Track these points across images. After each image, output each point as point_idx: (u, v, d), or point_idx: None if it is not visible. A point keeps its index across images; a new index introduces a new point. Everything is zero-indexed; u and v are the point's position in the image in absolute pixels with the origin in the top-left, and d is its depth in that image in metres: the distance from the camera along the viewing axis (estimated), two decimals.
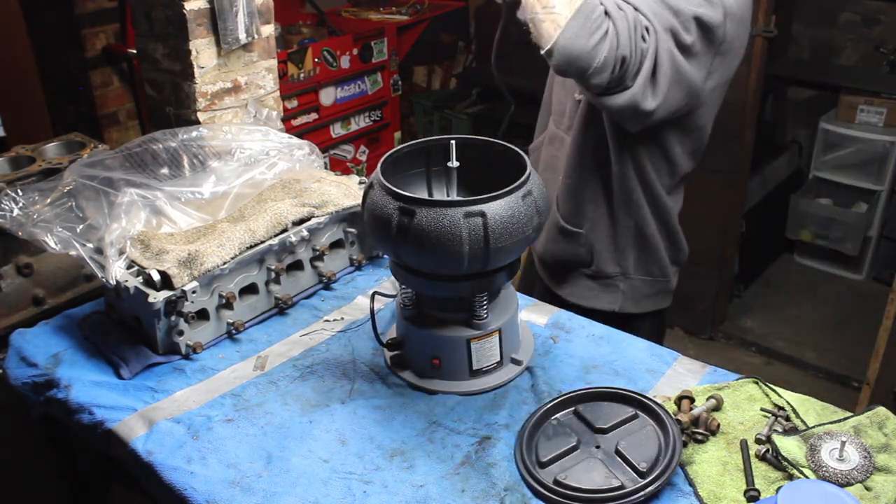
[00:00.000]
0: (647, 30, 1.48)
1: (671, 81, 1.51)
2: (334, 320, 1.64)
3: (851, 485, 1.15)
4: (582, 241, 1.80)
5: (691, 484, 1.20)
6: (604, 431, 1.26)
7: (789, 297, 3.84)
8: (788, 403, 1.31)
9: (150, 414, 1.38)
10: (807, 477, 1.16)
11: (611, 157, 1.70)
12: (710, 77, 1.59)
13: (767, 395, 1.34)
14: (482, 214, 1.25)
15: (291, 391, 1.44)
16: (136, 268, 1.50)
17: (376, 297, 1.52)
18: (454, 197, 1.45)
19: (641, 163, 1.69)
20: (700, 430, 1.26)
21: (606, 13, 1.45)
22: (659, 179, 1.72)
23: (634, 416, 1.28)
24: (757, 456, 1.22)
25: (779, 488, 1.06)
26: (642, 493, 1.15)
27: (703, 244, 3.47)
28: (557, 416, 1.32)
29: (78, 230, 1.52)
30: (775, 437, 1.22)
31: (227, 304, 1.56)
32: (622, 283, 1.82)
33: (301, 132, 3.52)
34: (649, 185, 1.72)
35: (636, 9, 1.48)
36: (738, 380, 1.40)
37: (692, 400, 1.32)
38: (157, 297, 1.44)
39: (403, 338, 1.47)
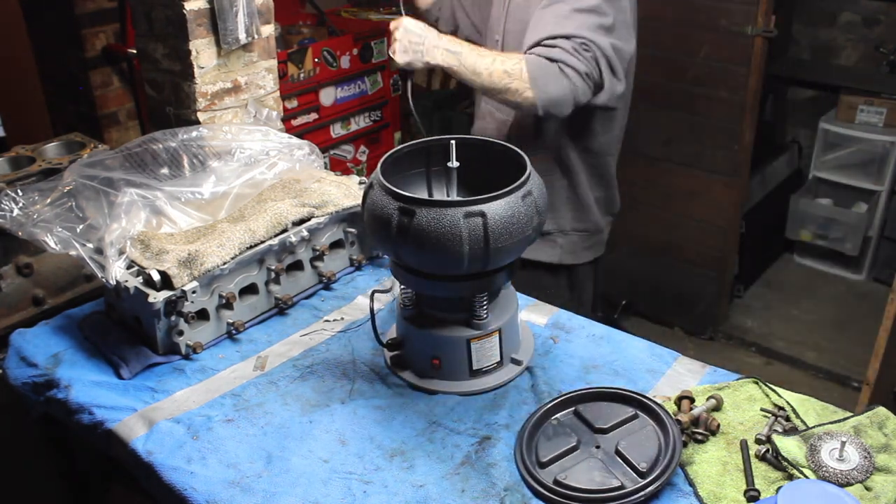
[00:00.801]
0: (583, 44, 1.75)
1: (622, 62, 1.82)
2: (334, 320, 1.64)
3: (851, 485, 1.15)
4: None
5: (691, 484, 1.20)
6: (604, 431, 1.27)
7: (789, 297, 3.84)
8: (788, 403, 1.31)
9: (150, 414, 1.38)
10: (807, 477, 1.16)
11: (546, 128, 1.96)
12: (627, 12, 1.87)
13: (767, 395, 1.34)
14: (482, 214, 1.25)
15: (291, 391, 1.44)
16: (136, 268, 1.50)
17: (375, 295, 1.52)
18: (454, 197, 1.45)
19: (577, 127, 1.95)
20: (700, 430, 1.26)
21: (551, 59, 1.75)
22: (594, 137, 1.99)
23: (634, 416, 1.28)
24: (757, 456, 1.22)
25: (779, 488, 1.06)
26: (642, 493, 1.15)
27: (703, 244, 3.47)
28: (557, 416, 1.32)
29: (78, 230, 1.52)
30: (775, 437, 1.22)
31: (227, 304, 1.56)
32: (560, 238, 2.07)
33: (301, 132, 3.52)
34: (585, 148, 1.99)
35: (566, 36, 1.76)
36: (738, 380, 1.40)
37: (692, 400, 1.32)
38: (157, 297, 1.44)
39: (403, 338, 1.47)
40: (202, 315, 1.54)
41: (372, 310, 1.48)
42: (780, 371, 3.36)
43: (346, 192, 1.75)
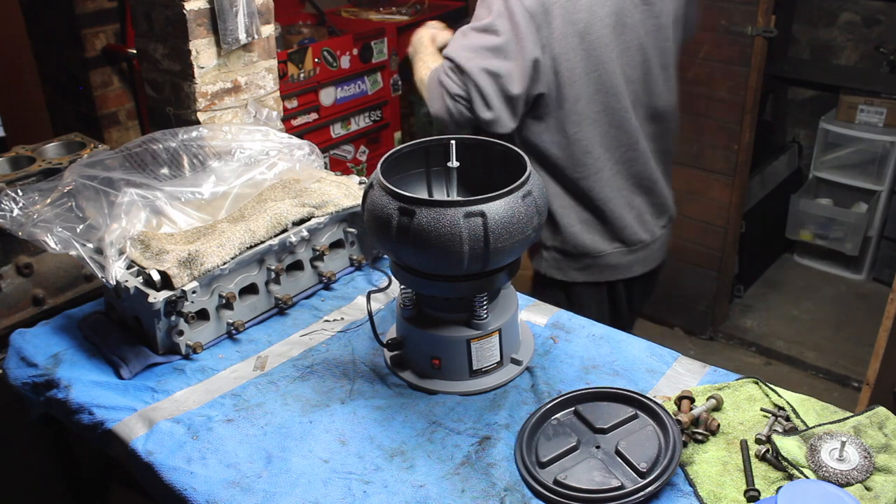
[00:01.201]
0: (457, 67, 1.78)
1: (498, 88, 1.76)
2: (334, 320, 1.64)
3: (851, 485, 1.15)
4: None
5: (691, 484, 1.20)
6: (604, 431, 1.26)
7: (789, 297, 3.84)
8: (788, 403, 1.31)
9: (150, 414, 1.38)
10: (807, 477, 1.16)
11: (502, 137, 1.92)
12: (544, 49, 1.76)
13: (767, 395, 1.34)
14: (482, 214, 1.25)
15: (291, 391, 1.44)
16: (136, 268, 1.50)
17: (374, 296, 1.52)
18: (454, 197, 1.45)
19: (538, 149, 1.89)
20: (700, 430, 1.26)
21: (439, 78, 1.82)
22: (546, 155, 1.90)
23: (634, 416, 1.28)
24: (757, 456, 1.22)
25: (779, 488, 1.06)
26: (642, 493, 1.15)
27: (703, 244, 3.47)
28: (557, 416, 1.32)
29: (78, 230, 1.52)
30: (775, 437, 1.22)
31: (227, 304, 1.56)
32: (544, 251, 2.03)
33: (301, 132, 3.52)
34: (545, 164, 1.92)
35: (448, 57, 1.80)
36: (738, 380, 1.40)
37: (692, 400, 1.32)
38: (157, 297, 1.44)
39: (403, 338, 1.47)
40: (202, 315, 1.54)
41: (370, 311, 1.48)
42: (780, 371, 3.36)
43: (346, 192, 1.75)
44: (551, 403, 1.32)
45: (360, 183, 1.82)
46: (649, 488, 1.15)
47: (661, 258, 2.13)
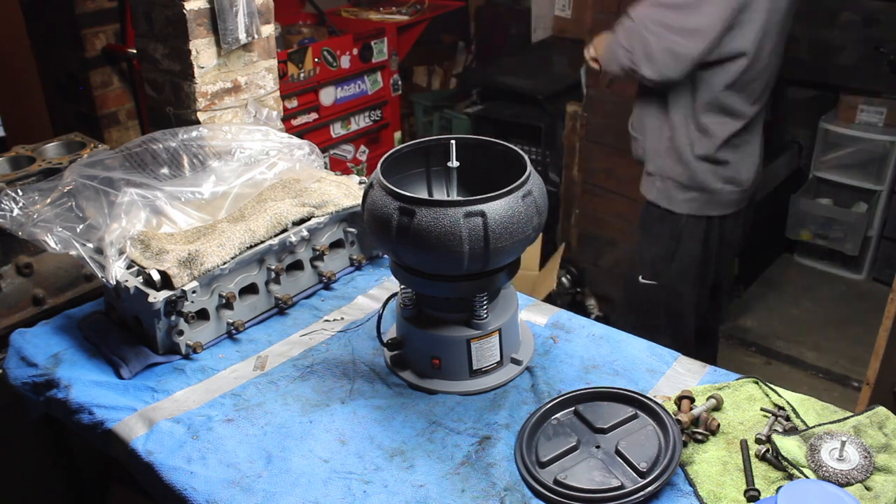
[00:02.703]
0: (632, 26, 2.20)
1: (662, 49, 2.15)
2: (334, 320, 1.64)
3: (851, 485, 1.15)
4: (639, 143, 2.47)
5: (691, 484, 1.20)
6: (604, 431, 1.26)
7: (789, 297, 3.84)
8: (788, 403, 1.31)
9: (150, 414, 1.38)
10: (807, 477, 1.16)
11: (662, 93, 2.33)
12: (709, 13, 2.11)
13: (767, 395, 1.34)
14: (482, 214, 1.25)
15: (291, 391, 1.44)
16: (136, 268, 1.50)
17: (375, 295, 1.52)
18: (454, 197, 1.45)
19: (679, 97, 2.28)
20: (700, 430, 1.26)
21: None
22: (691, 105, 2.26)
23: (634, 416, 1.28)
24: (757, 456, 1.22)
25: (779, 488, 1.06)
26: (642, 493, 1.15)
27: None
28: (557, 416, 1.32)
29: (78, 230, 1.52)
30: (775, 437, 1.22)
31: (227, 304, 1.56)
32: (658, 181, 2.41)
33: (301, 132, 3.52)
34: (677, 105, 2.28)
35: (627, 14, 2.22)
36: (738, 380, 1.40)
37: (692, 400, 1.32)
38: (157, 297, 1.44)
39: (403, 338, 1.47)
40: (202, 315, 1.54)
41: (381, 310, 1.47)
42: (780, 371, 3.36)
43: (346, 192, 1.74)
44: (551, 403, 1.32)
45: (360, 183, 1.82)
46: (649, 488, 1.15)
47: (749, 197, 2.48)
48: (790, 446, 1.20)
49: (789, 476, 1.18)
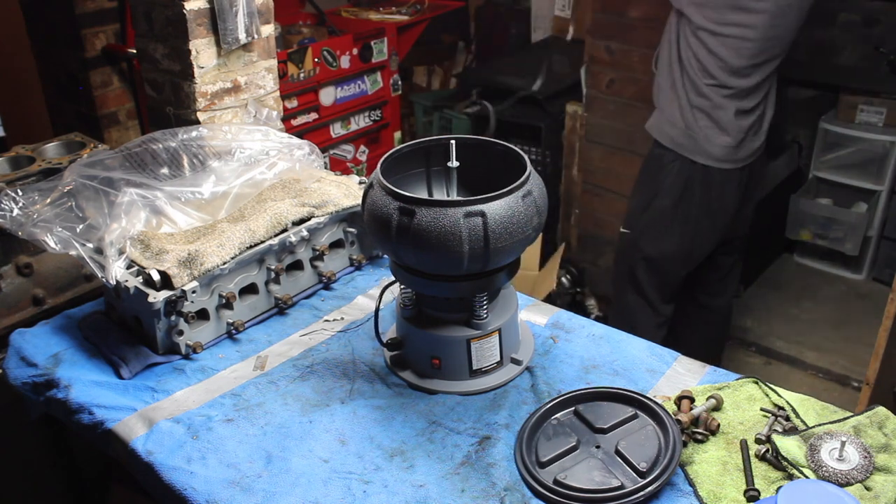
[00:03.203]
0: None
1: None
2: (334, 320, 1.64)
3: (851, 485, 1.15)
4: (656, 79, 2.68)
5: (691, 484, 1.20)
6: (604, 431, 1.27)
7: (789, 297, 3.84)
8: (788, 403, 1.31)
9: (150, 414, 1.38)
10: (807, 477, 1.16)
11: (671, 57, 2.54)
12: None
13: (767, 395, 1.34)
14: (482, 214, 1.25)
15: (291, 391, 1.44)
16: (136, 268, 1.50)
17: (374, 294, 1.51)
18: (454, 197, 1.45)
19: (682, 55, 2.48)
20: (700, 430, 1.26)
21: None
22: (693, 67, 2.46)
23: (634, 416, 1.28)
24: (757, 456, 1.23)
25: (779, 488, 1.06)
26: (642, 493, 1.15)
27: None
28: (557, 416, 1.32)
29: (78, 230, 1.52)
30: (775, 437, 1.22)
31: (227, 304, 1.56)
32: (658, 113, 2.64)
33: (301, 132, 3.52)
34: (678, 56, 2.50)
35: None
36: (738, 380, 1.40)
37: (692, 400, 1.32)
38: (157, 297, 1.44)
39: (403, 338, 1.47)
40: (202, 315, 1.54)
41: (377, 307, 1.47)
42: (780, 371, 3.36)
43: (346, 192, 1.75)
44: (551, 403, 1.32)
45: (360, 183, 1.82)
46: (649, 488, 1.15)
47: (742, 166, 2.58)
48: (790, 446, 1.20)
49: (789, 476, 1.18)
